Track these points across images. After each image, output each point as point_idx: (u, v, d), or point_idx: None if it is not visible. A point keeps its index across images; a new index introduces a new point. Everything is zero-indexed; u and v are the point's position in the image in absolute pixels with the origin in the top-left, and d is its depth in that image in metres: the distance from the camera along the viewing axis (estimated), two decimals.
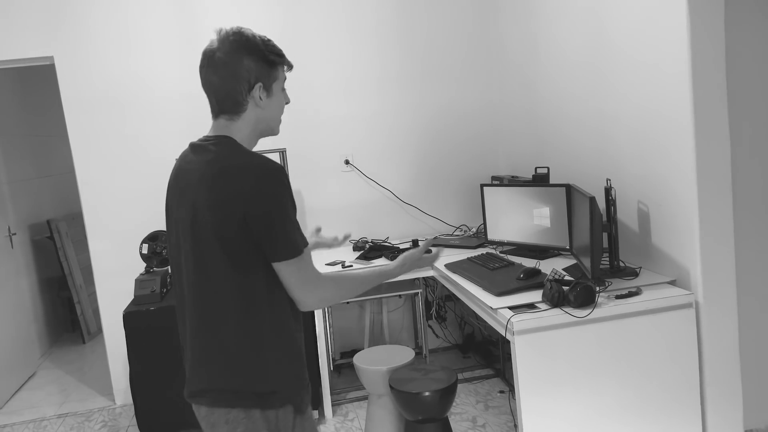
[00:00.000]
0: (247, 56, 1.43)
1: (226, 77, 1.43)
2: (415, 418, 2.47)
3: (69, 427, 3.43)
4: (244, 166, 1.37)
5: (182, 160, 1.49)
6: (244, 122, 1.46)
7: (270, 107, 1.48)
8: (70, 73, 3.46)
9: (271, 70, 1.46)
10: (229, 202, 1.34)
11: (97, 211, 3.54)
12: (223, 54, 1.43)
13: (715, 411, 2.29)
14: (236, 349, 1.38)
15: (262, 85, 1.45)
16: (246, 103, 1.45)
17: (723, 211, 2.25)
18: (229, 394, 1.39)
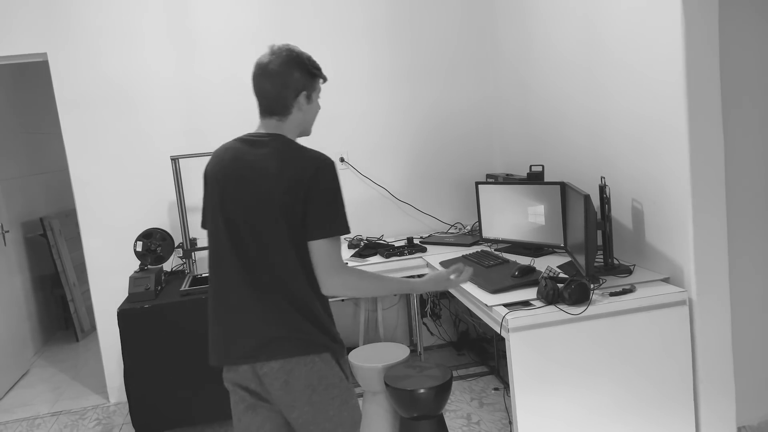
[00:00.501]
0: (296, 69, 1.71)
1: (278, 85, 1.70)
2: (410, 415, 2.48)
3: (63, 425, 3.42)
4: (305, 158, 1.65)
5: (236, 151, 1.73)
6: (290, 123, 1.75)
7: (310, 112, 1.78)
8: (63, 70, 3.44)
9: (313, 81, 1.75)
10: (294, 187, 1.62)
11: (91, 209, 3.53)
12: (276, 66, 1.70)
13: (708, 407, 2.31)
14: (305, 307, 1.65)
15: (306, 94, 1.74)
16: (292, 107, 1.73)
17: (716, 209, 2.27)
18: (308, 340, 1.64)
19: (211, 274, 1.73)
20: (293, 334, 1.64)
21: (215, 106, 3.61)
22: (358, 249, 3.40)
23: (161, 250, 3.22)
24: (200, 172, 3.61)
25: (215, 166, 1.75)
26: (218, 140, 3.62)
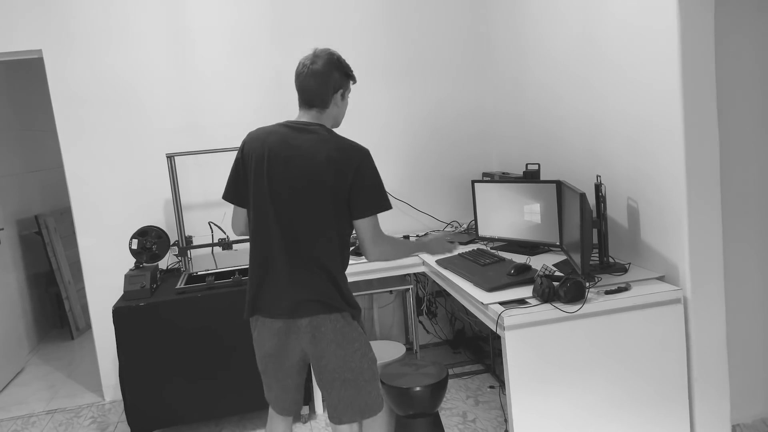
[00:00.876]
0: (336, 70, 2.00)
1: (321, 83, 1.98)
2: (406, 413, 2.48)
3: (57, 423, 3.41)
4: (352, 148, 1.94)
5: (282, 135, 1.98)
6: (327, 115, 2.04)
7: (342, 107, 2.08)
8: (58, 67, 3.43)
9: (348, 82, 2.06)
10: (343, 171, 1.90)
11: (86, 206, 3.51)
12: (320, 66, 1.98)
13: (703, 406, 2.32)
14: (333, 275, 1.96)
15: (342, 92, 2.04)
16: (330, 102, 2.02)
17: (711, 208, 2.27)
18: (332, 303, 1.95)
19: (253, 242, 2.00)
20: (320, 298, 1.94)
21: (211, 104, 3.60)
22: (354, 247, 3.40)
23: (157, 248, 3.21)
24: (195, 170, 3.61)
25: (260, 147, 1.98)
26: (214, 138, 3.61)
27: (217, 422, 3.23)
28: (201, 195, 3.62)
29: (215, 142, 3.61)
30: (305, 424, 3.12)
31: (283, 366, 2.05)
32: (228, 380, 3.02)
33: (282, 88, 3.66)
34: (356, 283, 3.42)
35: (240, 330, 3.01)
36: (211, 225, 3.50)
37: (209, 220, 3.59)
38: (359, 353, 2.00)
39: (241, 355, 3.02)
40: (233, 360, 3.01)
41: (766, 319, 2.56)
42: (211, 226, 3.51)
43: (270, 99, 3.66)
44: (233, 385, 3.02)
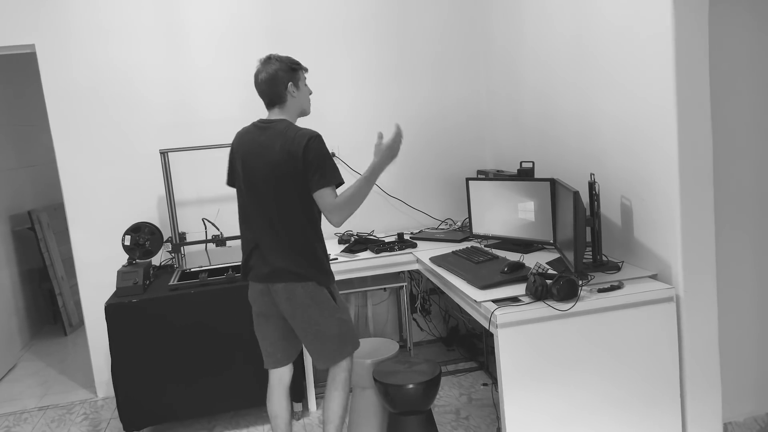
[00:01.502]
0: (279, 69, 2.33)
1: (270, 84, 2.34)
2: (399, 411, 2.48)
3: (50, 419, 3.40)
4: (300, 135, 2.26)
5: (252, 134, 2.36)
6: (289, 108, 2.38)
7: (301, 96, 2.40)
8: (51, 62, 3.41)
9: (294, 73, 2.36)
10: (294, 155, 2.24)
11: (79, 202, 3.50)
12: (264, 71, 2.34)
13: (695, 403, 2.33)
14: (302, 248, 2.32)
15: (292, 83, 2.35)
16: (286, 96, 2.35)
17: (704, 207, 2.28)
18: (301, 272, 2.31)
19: (242, 222, 2.40)
20: (291, 268, 2.31)
21: (204, 100, 3.59)
22: (349, 244, 3.39)
23: (150, 244, 3.20)
24: (189, 166, 3.59)
25: (238, 145, 2.39)
26: (207, 134, 3.59)
27: (210, 419, 3.23)
28: (194, 191, 3.61)
29: (209, 139, 3.59)
30: (298, 421, 3.12)
31: (268, 321, 2.45)
32: (221, 377, 3.01)
33: None
34: (350, 280, 3.41)
35: (233, 327, 3.00)
36: (204, 221, 3.49)
37: (203, 217, 3.58)
38: (326, 313, 2.36)
39: (234, 352, 3.01)
40: (226, 357, 3.00)
41: (758, 317, 2.57)
42: (204, 222, 3.50)
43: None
44: (226, 382, 3.02)
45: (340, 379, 2.48)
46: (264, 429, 3.08)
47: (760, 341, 2.58)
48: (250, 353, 3.03)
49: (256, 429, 3.08)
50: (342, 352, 2.46)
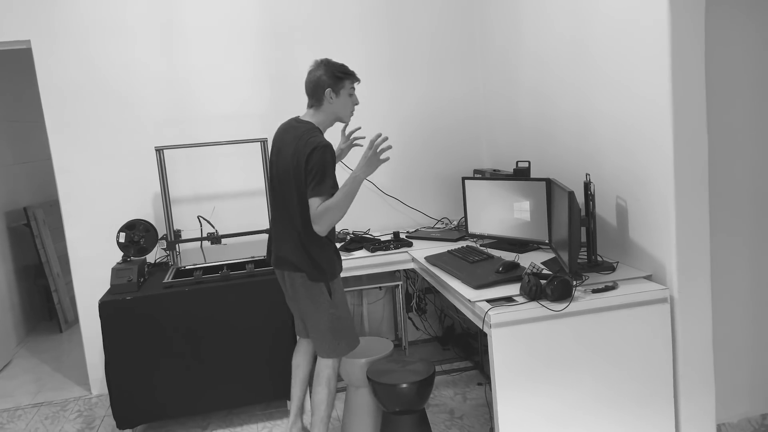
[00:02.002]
0: (324, 73, 2.48)
1: (313, 85, 2.50)
2: (392, 410, 2.48)
3: (44, 416, 3.39)
4: (309, 143, 2.38)
5: (284, 132, 2.54)
6: (324, 111, 2.53)
7: (338, 103, 2.52)
8: (46, 58, 3.40)
9: (338, 81, 2.49)
10: (300, 162, 2.39)
11: (73, 199, 3.49)
12: (311, 74, 2.51)
13: (688, 404, 2.32)
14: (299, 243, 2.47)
15: (331, 90, 2.48)
16: (323, 99, 2.50)
17: (699, 208, 2.27)
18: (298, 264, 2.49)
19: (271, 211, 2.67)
20: (291, 259, 2.50)
21: (201, 98, 3.58)
22: (344, 243, 3.39)
23: (144, 241, 3.19)
24: (185, 163, 3.58)
25: (275, 138, 2.59)
26: (203, 132, 3.59)
27: (204, 417, 3.22)
28: (190, 189, 3.60)
29: (205, 136, 3.58)
30: None
31: (290, 301, 2.70)
32: (215, 375, 3.00)
33: (273, 82, 3.64)
34: (345, 279, 3.40)
35: (228, 325, 2.99)
36: (200, 219, 3.48)
37: (198, 214, 3.57)
38: (319, 307, 2.51)
39: (228, 350, 3.00)
40: (221, 355, 3.00)
41: (752, 319, 2.56)
42: (200, 220, 3.49)
43: (261, 93, 3.64)
44: (220, 380, 3.01)
45: (324, 376, 2.57)
46: (258, 428, 3.07)
47: (754, 343, 2.58)
48: (244, 352, 3.02)
49: (249, 428, 3.08)
50: (335, 348, 2.55)
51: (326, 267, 2.49)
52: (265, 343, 3.03)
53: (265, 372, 3.05)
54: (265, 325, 3.02)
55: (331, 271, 2.52)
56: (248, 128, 3.63)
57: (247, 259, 3.34)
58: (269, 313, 3.02)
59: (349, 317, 2.60)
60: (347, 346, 2.58)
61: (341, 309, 2.56)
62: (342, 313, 2.56)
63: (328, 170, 2.35)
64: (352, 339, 2.59)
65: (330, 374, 2.58)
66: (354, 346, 2.60)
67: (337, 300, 2.55)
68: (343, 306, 2.58)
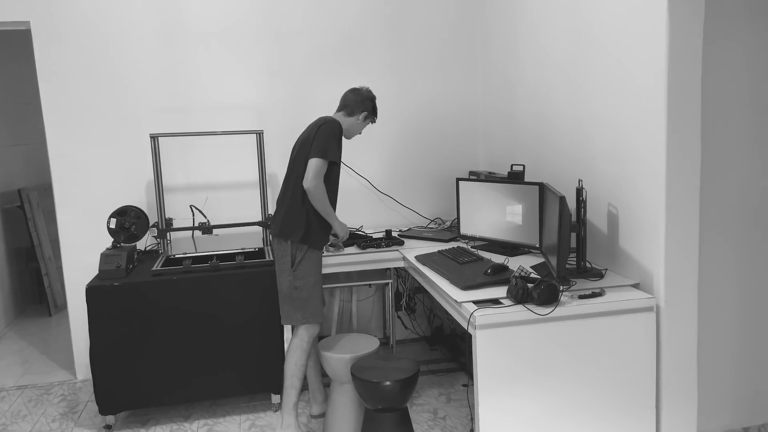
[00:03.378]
0: (371, 102, 2.90)
1: (357, 101, 2.88)
2: (375, 407, 2.48)
3: (27, 399, 3.38)
4: (321, 120, 2.76)
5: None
6: (347, 121, 2.88)
7: (357, 126, 2.91)
8: (45, 40, 3.38)
9: (371, 114, 2.93)
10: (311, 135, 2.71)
11: (66, 183, 3.48)
12: (363, 92, 2.90)
13: (670, 414, 2.32)
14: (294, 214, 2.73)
15: (366, 114, 2.90)
16: (355, 113, 2.88)
17: (689, 220, 2.27)
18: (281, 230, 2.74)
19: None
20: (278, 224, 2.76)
21: (199, 87, 3.57)
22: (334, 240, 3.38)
23: (135, 228, 3.18)
24: (180, 152, 3.57)
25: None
26: (199, 122, 3.58)
27: (187, 407, 3.22)
28: (183, 178, 3.59)
29: (201, 126, 3.58)
30: (276, 413, 3.12)
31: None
32: (200, 365, 3.00)
33: (272, 76, 3.63)
34: (336, 275, 3.40)
35: (215, 316, 2.99)
36: (192, 208, 3.47)
37: (191, 204, 3.56)
38: (284, 271, 2.74)
39: (214, 341, 3.00)
40: (207, 345, 2.99)
41: (737, 332, 2.56)
42: (192, 209, 3.48)
43: (259, 85, 3.63)
44: (205, 371, 3.01)
45: (293, 345, 2.77)
46: (240, 419, 3.07)
47: (738, 356, 2.58)
48: (230, 343, 3.01)
49: (233, 419, 3.07)
50: (291, 316, 2.75)
51: (298, 228, 2.70)
52: (253, 336, 3.03)
53: (251, 364, 3.04)
54: (253, 317, 3.02)
55: (302, 234, 2.70)
56: (244, 120, 3.62)
57: (237, 251, 3.34)
58: (257, 305, 3.02)
59: (314, 294, 2.74)
60: (303, 319, 2.74)
61: (303, 281, 2.72)
62: (303, 284, 2.73)
63: (330, 138, 2.66)
64: (310, 314, 2.74)
65: (297, 345, 2.75)
66: (311, 321, 2.74)
67: (302, 271, 2.72)
68: (308, 279, 2.73)
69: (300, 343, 2.76)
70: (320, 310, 2.78)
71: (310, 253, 2.74)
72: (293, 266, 2.73)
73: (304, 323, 2.75)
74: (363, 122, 2.89)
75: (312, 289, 2.75)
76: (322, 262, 2.85)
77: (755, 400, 2.62)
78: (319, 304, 2.78)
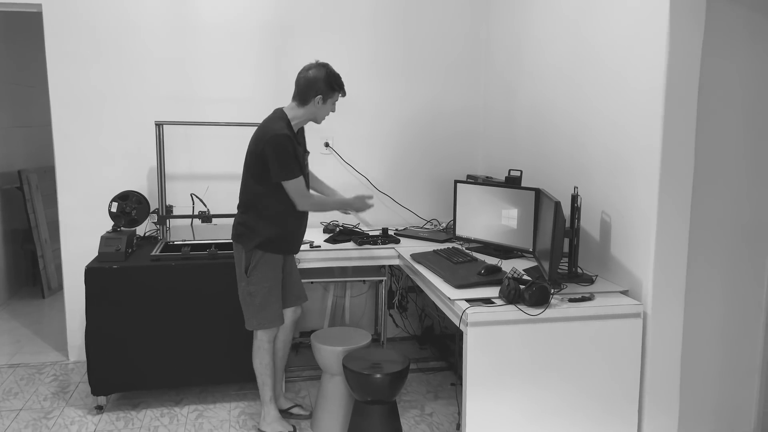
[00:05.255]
0: (322, 81, 2.62)
1: (305, 84, 2.62)
2: (364, 399, 2.52)
3: (19, 377, 3.41)
4: (264, 133, 2.59)
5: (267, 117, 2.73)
6: (306, 111, 2.67)
7: (322, 109, 2.68)
8: (57, 23, 3.42)
9: (329, 91, 2.65)
10: (256, 147, 2.60)
11: (70, 166, 3.51)
12: (310, 73, 2.63)
13: (652, 421, 2.38)
14: (247, 219, 2.69)
15: (322, 97, 2.63)
16: (310, 101, 2.64)
17: (679, 231, 2.34)
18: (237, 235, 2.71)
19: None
20: (235, 228, 2.73)
21: (206, 78, 3.61)
22: (333, 234, 3.43)
23: (136, 213, 3.22)
24: (183, 141, 3.62)
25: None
26: (204, 112, 3.62)
27: (178, 392, 3.25)
28: (186, 166, 3.63)
29: (206, 116, 3.62)
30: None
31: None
32: (193, 351, 3.04)
33: (279, 73, 3.68)
34: (330, 269, 3.45)
35: (210, 303, 3.03)
36: (193, 197, 3.51)
37: (192, 192, 3.60)
38: (240, 275, 2.71)
39: (209, 329, 3.04)
40: (201, 332, 3.03)
41: (721, 342, 2.63)
42: (193, 197, 3.52)
43: (266, 81, 3.68)
44: (198, 357, 3.05)
45: (254, 347, 2.79)
46: (230, 407, 3.11)
47: (722, 366, 2.64)
48: (224, 331, 3.05)
49: (223, 406, 3.11)
50: (249, 321, 2.75)
51: (250, 235, 2.65)
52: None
53: (244, 353, 3.07)
54: None
55: (255, 242, 2.64)
56: (249, 113, 3.66)
57: None
58: None
59: (269, 300, 2.70)
60: (258, 324, 2.74)
61: (257, 287, 2.68)
62: (256, 290, 2.69)
63: (284, 157, 2.54)
64: (264, 320, 2.72)
65: (257, 347, 2.77)
66: (266, 327, 2.73)
67: (255, 277, 2.67)
68: (261, 285, 2.68)
69: (260, 344, 2.76)
70: (277, 315, 2.75)
71: (265, 259, 2.68)
72: (246, 272, 2.68)
73: (260, 327, 2.74)
74: (323, 105, 2.65)
75: (267, 294, 2.70)
76: (280, 265, 2.75)
77: (736, 410, 2.69)
78: (276, 309, 2.74)
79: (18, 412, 3.02)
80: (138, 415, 3.01)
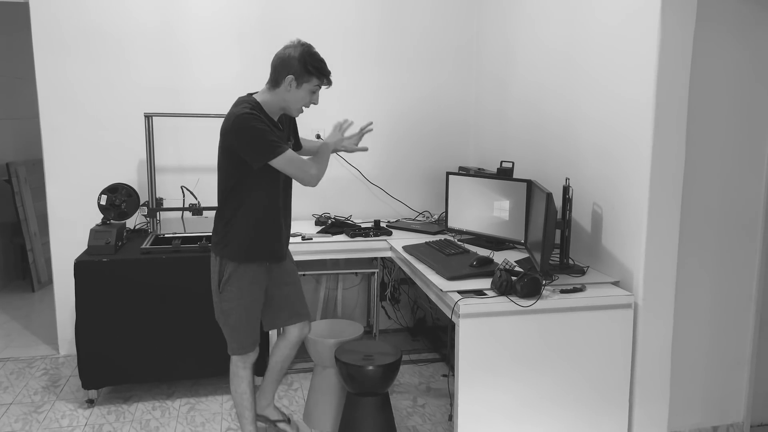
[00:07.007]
0: (298, 61, 2.24)
1: (278, 65, 2.27)
2: (357, 391, 2.52)
3: (9, 371, 3.39)
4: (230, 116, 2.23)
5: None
6: (277, 95, 2.29)
7: (294, 95, 2.28)
8: (43, 15, 3.38)
9: (306, 75, 2.25)
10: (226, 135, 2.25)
11: (58, 158, 3.48)
12: (286, 52, 2.27)
13: (642, 410, 2.40)
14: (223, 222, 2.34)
15: (293, 78, 2.24)
16: (281, 83, 2.26)
17: (670, 220, 2.34)
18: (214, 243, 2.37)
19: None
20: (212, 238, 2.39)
21: (196, 69, 3.58)
22: (325, 226, 3.42)
23: (125, 206, 3.19)
24: (173, 133, 3.58)
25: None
26: (194, 103, 3.59)
27: (169, 385, 3.24)
28: (176, 158, 3.60)
29: (196, 108, 3.59)
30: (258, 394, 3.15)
31: None
32: (184, 345, 3.02)
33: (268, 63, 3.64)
34: (323, 262, 3.44)
35: (201, 296, 3.01)
36: (183, 189, 3.49)
37: (182, 185, 3.57)
38: (218, 297, 2.37)
39: (199, 321, 3.02)
40: (191, 325, 3.02)
41: (711, 332, 2.64)
42: (183, 190, 3.50)
43: (255, 72, 3.64)
44: (190, 350, 3.03)
45: (230, 372, 2.48)
46: (222, 399, 3.10)
47: (711, 356, 2.66)
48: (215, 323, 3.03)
49: (215, 398, 3.11)
50: (228, 343, 2.43)
51: (224, 240, 2.30)
52: None
53: None
54: None
55: (229, 249, 2.30)
56: None
57: None
58: None
59: (243, 321, 2.35)
60: (232, 349, 2.41)
61: (230, 304, 2.33)
62: (229, 308, 2.34)
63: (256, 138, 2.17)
64: (239, 345, 2.38)
65: (232, 372, 2.47)
66: (241, 352, 2.39)
67: (228, 292, 2.32)
68: (236, 302, 2.33)
69: (235, 370, 2.46)
70: (252, 339, 2.41)
71: (240, 270, 2.31)
72: (219, 286, 2.34)
73: (235, 354, 2.42)
74: (296, 89, 2.26)
75: (243, 314, 2.35)
76: (262, 278, 2.39)
77: (725, 400, 2.71)
78: (250, 332, 2.40)
79: (8, 406, 3.00)
80: (129, 408, 3.00)
